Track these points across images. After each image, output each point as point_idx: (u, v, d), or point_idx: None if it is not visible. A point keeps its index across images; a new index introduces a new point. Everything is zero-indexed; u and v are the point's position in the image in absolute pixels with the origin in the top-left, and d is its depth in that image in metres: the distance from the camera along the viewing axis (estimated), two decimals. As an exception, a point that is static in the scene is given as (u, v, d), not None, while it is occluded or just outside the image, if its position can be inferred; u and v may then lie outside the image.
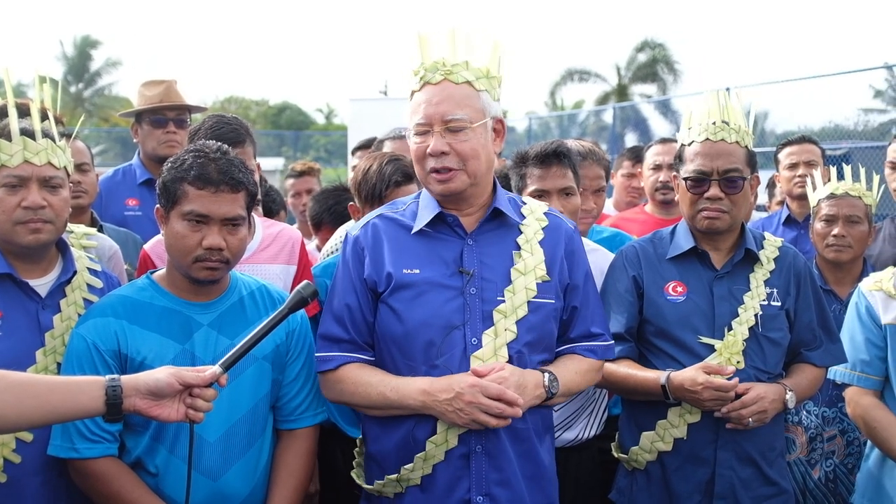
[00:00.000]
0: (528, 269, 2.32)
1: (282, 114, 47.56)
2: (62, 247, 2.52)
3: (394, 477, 2.30)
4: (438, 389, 2.20)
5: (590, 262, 2.53)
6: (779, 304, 2.71)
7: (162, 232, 2.41)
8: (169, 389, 1.94)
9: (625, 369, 2.67)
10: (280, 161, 26.15)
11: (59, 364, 2.38)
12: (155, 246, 2.90)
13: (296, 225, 5.10)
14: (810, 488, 3.34)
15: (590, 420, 3.06)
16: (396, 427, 2.31)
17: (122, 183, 4.28)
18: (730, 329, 2.64)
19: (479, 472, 2.27)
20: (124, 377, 1.94)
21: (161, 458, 2.32)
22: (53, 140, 2.40)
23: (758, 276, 2.72)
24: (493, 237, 2.37)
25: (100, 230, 3.23)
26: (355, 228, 2.44)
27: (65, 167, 2.43)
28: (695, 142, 2.72)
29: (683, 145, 2.77)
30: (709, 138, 2.68)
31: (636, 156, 4.87)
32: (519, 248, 2.35)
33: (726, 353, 2.61)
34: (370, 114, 21.16)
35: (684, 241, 2.75)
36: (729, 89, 3.92)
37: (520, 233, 2.38)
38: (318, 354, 2.39)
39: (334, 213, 3.99)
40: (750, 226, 2.93)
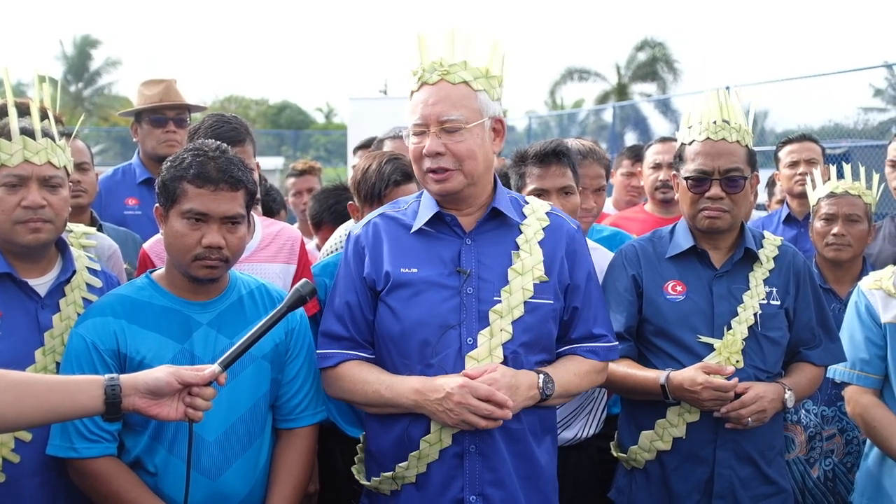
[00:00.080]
0: (526, 269, 2.32)
1: (281, 113, 47.50)
2: (62, 246, 2.52)
3: (390, 474, 2.31)
4: (429, 389, 2.20)
5: (589, 261, 2.53)
6: (778, 303, 2.71)
7: (161, 231, 2.41)
8: (168, 388, 1.94)
9: (624, 369, 2.67)
10: (280, 160, 26.10)
11: (58, 363, 2.38)
12: (154, 245, 2.90)
13: (296, 224, 5.10)
14: (809, 487, 3.34)
15: (589, 419, 3.06)
16: (393, 425, 2.31)
17: (122, 182, 4.28)
18: (729, 328, 2.64)
19: (473, 471, 2.27)
20: (123, 376, 1.94)
21: (160, 458, 2.32)
22: (53, 139, 2.40)
23: (757, 276, 2.71)
24: (493, 237, 2.36)
25: (99, 229, 3.22)
26: (357, 227, 2.45)
27: (64, 166, 2.43)
28: (695, 141, 2.71)
29: (683, 144, 2.76)
30: (709, 137, 2.68)
31: (636, 155, 4.86)
32: (518, 248, 2.35)
33: (725, 353, 2.61)
34: (370, 113, 21.10)
35: (684, 241, 2.75)
36: (729, 88, 3.93)
37: (520, 233, 2.37)
38: (318, 351, 2.40)
39: (334, 212, 3.99)
40: (750, 224, 2.93)
